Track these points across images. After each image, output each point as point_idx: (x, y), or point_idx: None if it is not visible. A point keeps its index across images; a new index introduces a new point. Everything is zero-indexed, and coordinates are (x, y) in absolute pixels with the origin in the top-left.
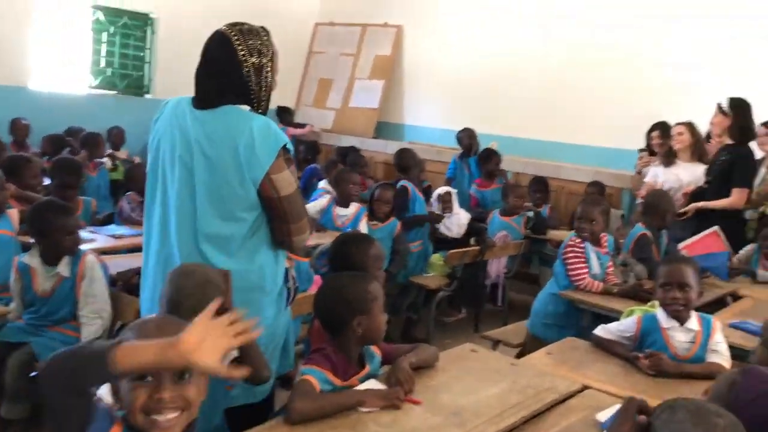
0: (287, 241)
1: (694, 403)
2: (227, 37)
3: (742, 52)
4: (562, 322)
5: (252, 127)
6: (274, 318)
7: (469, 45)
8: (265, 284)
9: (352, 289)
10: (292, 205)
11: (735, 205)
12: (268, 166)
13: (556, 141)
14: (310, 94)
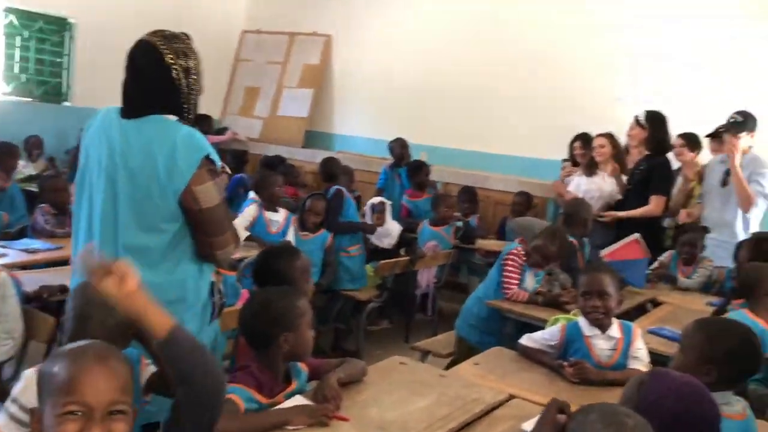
0: (210, 254)
1: (606, 405)
2: (152, 44)
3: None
4: (486, 328)
5: (175, 138)
6: (198, 332)
7: (398, 55)
8: (187, 297)
9: (280, 305)
10: (214, 218)
11: (653, 212)
12: (189, 178)
13: (484, 151)
14: (236, 102)
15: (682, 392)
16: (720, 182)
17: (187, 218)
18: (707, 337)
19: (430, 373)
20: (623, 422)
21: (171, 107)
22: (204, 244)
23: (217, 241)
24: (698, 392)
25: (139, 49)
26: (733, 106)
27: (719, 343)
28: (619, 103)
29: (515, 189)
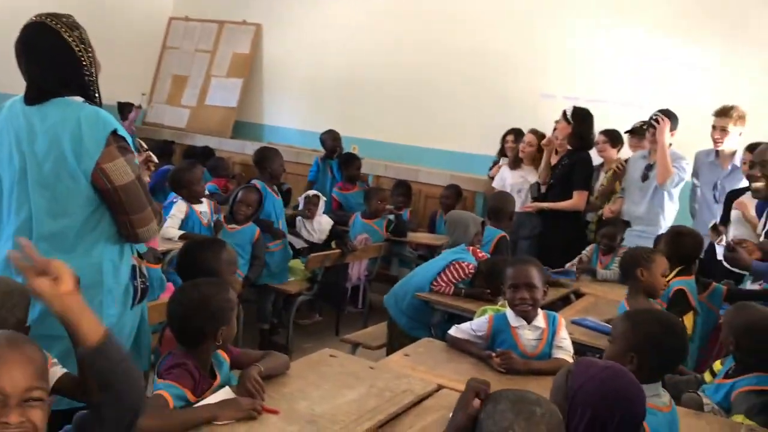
0: (131, 233)
1: (516, 393)
2: (45, 24)
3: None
4: (413, 315)
5: (79, 117)
6: (119, 316)
7: (330, 46)
8: (105, 281)
9: (215, 299)
10: (130, 195)
11: (576, 206)
12: (97, 156)
13: (416, 145)
14: (163, 91)
15: (604, 375)
16: (641, 177)
17: (103, 199)
18: (631, 325)
19: (359, 366)
20: (532, 411)
21: (77, 85)
22: (124, 224)
23: (137, 218)
24: (619, 374)
25: (32, 31)
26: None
27: (641, 330)
28: (548, 100)
29: (446, 183)
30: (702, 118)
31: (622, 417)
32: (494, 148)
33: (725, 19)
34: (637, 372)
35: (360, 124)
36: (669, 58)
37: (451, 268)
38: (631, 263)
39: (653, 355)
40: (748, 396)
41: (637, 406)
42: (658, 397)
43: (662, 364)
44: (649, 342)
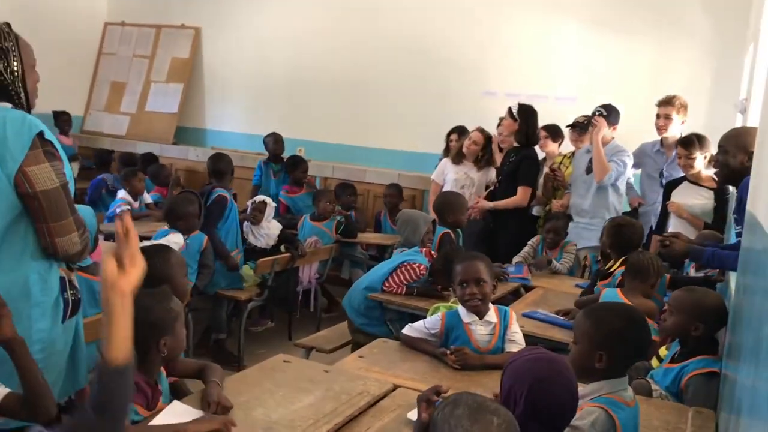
0: (49, 243)
1: (475, 399)
2: None
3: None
4: (369, 314)
5: (4, 119)
6: (49, 330)
7: (271, 48)
8: (32, 294)
9: (155, 309)
10: (51, 202)
11: (520, 202)
12: (21, 159)
13: (362, 146)
14: (101, 98)
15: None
16: (585, 170)
17: (23, 204)
18: (593, 323)
19: (314, 370)
20: (489, 420)
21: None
22: (42, 232)
23: (56, 227)
24: (547, 358)
25: None
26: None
27: (604, 327)
28: (490, 97)
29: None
30: (640, 109)
31: (530, 389)
32: (440, 146)
33: (659, 11)
34: (606, 369)
35: (305, 126)
36: (606, 52)
37: (402, 269)
38: None
39: (620, 350)
40: (697, 380)
41: (550, 387)
42: (624, 391)
43: (629, 357)
44: (614, 338)
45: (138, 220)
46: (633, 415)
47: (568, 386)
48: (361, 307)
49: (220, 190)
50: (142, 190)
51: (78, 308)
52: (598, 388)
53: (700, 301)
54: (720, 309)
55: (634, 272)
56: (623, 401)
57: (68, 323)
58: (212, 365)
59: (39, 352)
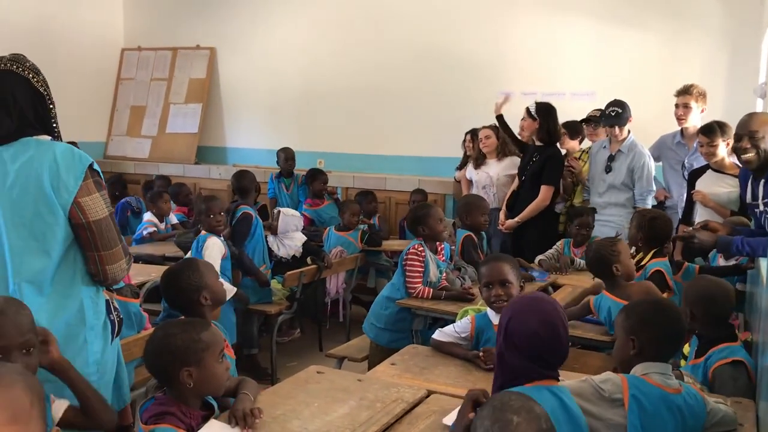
0: (101, 270)
1: (502, 399)
2: (19, 74)
3: (545, 53)
4: (396, 327)
5: (55, 153)
6: (102, 351)
7: (285, 63)
8: (87, 317)
9: (177, 337)
10: (103, 231)
11: (543, 202)
12: (75, 190)
13: (380, 154)
14: (122, 123)
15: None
16: (604, 169)
17: (76, 234)
18: (625, 314)
19: (347, 379)
20: (509, 419)
21: (42, 125)
22: (93, 260)
23: (107, 255)
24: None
25: (7, 80)
26: (610, 92)
27: (633, 314)
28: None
29: (413, 188)
30: (656, 100)
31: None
32: (458, 149)
33: (670, 6)
34: (639, 354)
35: (323, 138)
36: (621, 45)
37: (407, 263)
38: (603, 262)
39: (649, 334)
40: (723, 370)
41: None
42: (665, 377)
43: (660, 342)
44: (643, 323)
45: (165, 240)
46: (667, 399)
47: (545, 318)
48: (389, 323)
49: (245, 208)
50: (169, 211)
51: (121, 328)
52: (635, 370)
53: (689, 287)
54: (708, 294)
55: None
56: (657, 384)
57: (114, 343)
58: (247, 380)
59: (95, 373)
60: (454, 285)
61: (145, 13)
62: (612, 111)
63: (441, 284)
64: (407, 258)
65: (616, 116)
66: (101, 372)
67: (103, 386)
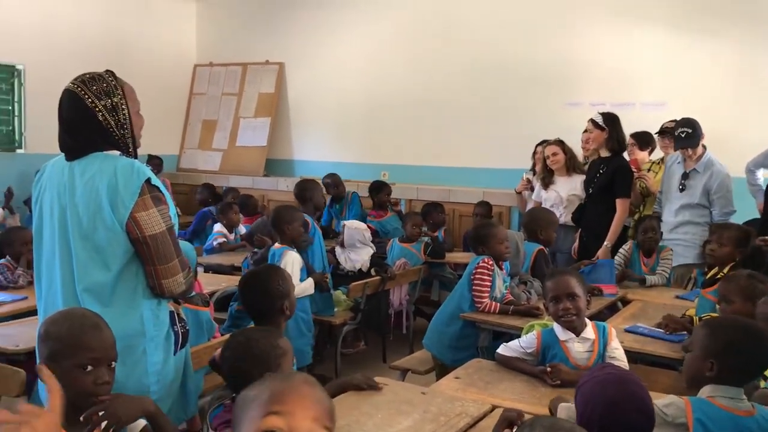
0: (157, 284)
1: (550, 422)
2: (73, 92)
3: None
4: (460, 344)
5: (115, 168)
6: (163, 363)
7: (352, 76)
8: (147, 329)
9: (260, 343)
10: (159, 245)
11: (623, 216)
12: (131, 205)
13: (445, 165)
14: (194, 136)
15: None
16: (678, 188)
17: (135, 248)
18: (709, 332)
19: (411, 392)
20: None
21: (106, 144)
22: (151, 274)
23: (162, 269)
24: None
25: (63, 99)
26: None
27: (720, 336)
28: (574, 108)
29: (478, 200)
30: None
31: (602, 415)
32: (524, 161)
33: (742, 9)
34: (716, 378)
35: (388, 151)
36: (692, 53)
37: (476, 277)
38: None
39: (731, 361)
40: None
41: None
42: (737, 400)
43: (742, 371)
44: (726, 347)
45: (234, 251)
46: (737, 422)
47: (641, 407)
48: (453, 339)
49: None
50: (238, 223)
51: (187, 340)
52: (702, 392)
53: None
54: None
55: None
56: (725, 407)
57: (179, 354)
58: None
59: (155, 383)
60: (520, 299)
61: (217, 31)
62: (682, 132)
63: (506, 299)
64: (476, 272)
65: (687, 138)
66: (162, 383)
67: (165, 397)
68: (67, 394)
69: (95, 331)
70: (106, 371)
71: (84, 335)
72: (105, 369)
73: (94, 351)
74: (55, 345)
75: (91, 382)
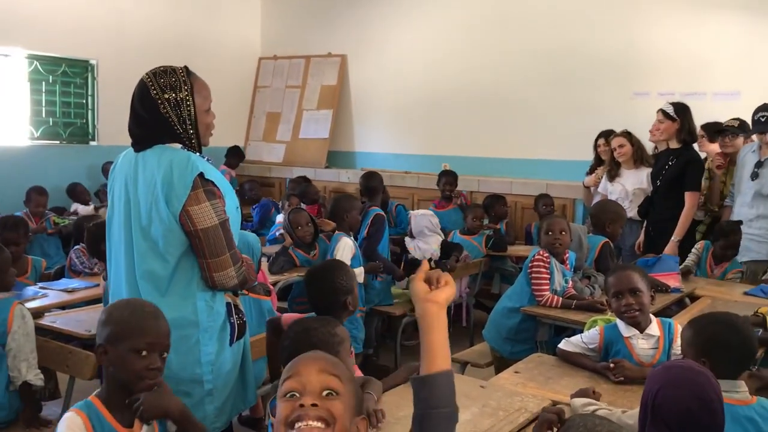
0: (209, 277)
1: (592, 420)
2: (143, 82)
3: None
4: (519, 338)
5: (171, 162)
6: (217, 353)
7: (413, 68)
8: (201, 320)
9: (318, 331)
10: (210, 239)
11: (692, 210)
12: (184, 199)
13: (506, 157)
14: (258, 129)
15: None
16: (750, 176)
17: (189, 241)
18: (694, 332)
19: (470, 385)
20: None
21: (169, 138)
22: (203, 266)
23: (213, 263)
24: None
25: (136, 89)
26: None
27: (704, 334)
28: (641, 98)
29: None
30: None
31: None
32: (588, 152)
33: None
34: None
35: (448, 142)
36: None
37: (532, 270)
38: None
39: (722, 356)
40: None
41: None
42: (734, 392)
43: (733, 362)
44: (715, 344)
45: None
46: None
47: (700, 394)
48: (511, 332)
49: (376, 209)
50: None
51: (244, 331)
52: None
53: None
54: None
55: None
56: (734, 401)
57: (236, 345)
58: (372, 379)
59: (208, 373)
60: (583, 294)
61: (281, 24)
62: (762, 116)
63: (567, 292)
64: (532, 265)
65: (767, 122)
66: (216, 373)
67: (220, 387)
68: (119, 375)
69: (153, 320)
70: (158, 358)
71: (143, 321)
72: (157, 356)
73: (151, 337)
74: (115, 328)
75: (144, 367)
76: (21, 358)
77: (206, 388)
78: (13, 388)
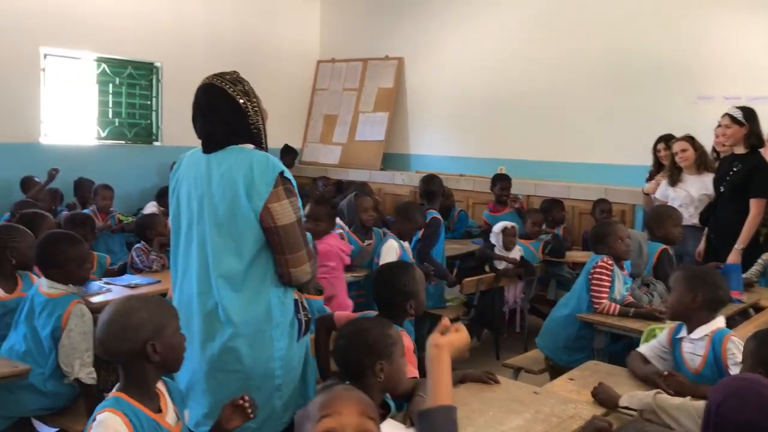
0: (285, 272)
1: (643, 428)
2: (219, 87)
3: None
4: (576, 345)
5: (251, 161)
6: (287, 348)
7: (470, 71)
8: (274, 316)
9: (372, 332)
10: (289, 235)
11: (757, 218)
12: (266, 196)
13: (564, 161)
14: (316, 131)
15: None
16: None
17: (266, 237)
18: (758, 344)
19: (523, 391)
20: None
21: (245, 134)
22: (280, 262)
23: (291, 258)
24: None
25: (210, 93)
26: None
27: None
28: (706, 103)
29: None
30: None
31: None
32: (648, 157)
33: None
34: None
35: (505, 145)
36: None
37: (594, 277)
38: None
39: None
40: None
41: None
42: None
43: None
44: None
45: None
46: None
47: (765, 407)
48: (569, 341)
49: (433, 212)
50: None
51: (309, 328)
52: None
53: None
54: None
55: None
56: None
57: (301, 341)
58: (424, 381)
59: (279, 368)
60: (641, 302)
61: (339, 27)
62: None
63: (626, 300)
64: (595, 271)
65: None
66: (286, 369)
67: (288, 382)
68: (168, 361)
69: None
70: None
71: (163, 305)
72: None
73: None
74: (155, 320)
75: (183, 341)
76: (75, 355)
77: (276, 383)
78: (66, 381)
